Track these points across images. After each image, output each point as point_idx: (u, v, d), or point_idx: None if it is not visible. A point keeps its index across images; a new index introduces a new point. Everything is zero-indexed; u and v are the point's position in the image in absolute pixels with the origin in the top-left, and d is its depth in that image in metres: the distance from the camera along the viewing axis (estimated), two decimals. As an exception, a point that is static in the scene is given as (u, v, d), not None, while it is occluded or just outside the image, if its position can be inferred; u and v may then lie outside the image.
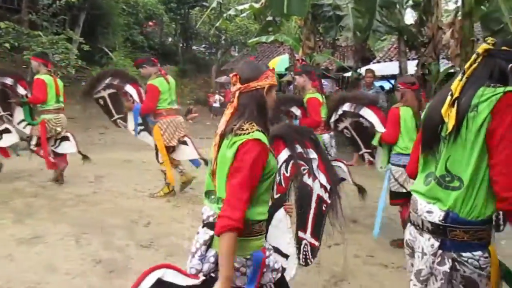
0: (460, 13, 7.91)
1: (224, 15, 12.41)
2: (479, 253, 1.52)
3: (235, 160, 1.56)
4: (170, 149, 5.16)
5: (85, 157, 5.76)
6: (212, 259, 1.65)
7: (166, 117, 5.05)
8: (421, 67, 8.48)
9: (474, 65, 1.59)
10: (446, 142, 1.59)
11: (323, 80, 12.14)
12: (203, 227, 1.72)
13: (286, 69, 12.99)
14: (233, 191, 1.55)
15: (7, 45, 10.47)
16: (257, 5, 11.32)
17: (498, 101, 1.45)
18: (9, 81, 5.30)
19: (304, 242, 2.21)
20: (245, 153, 1.55)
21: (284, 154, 2.12)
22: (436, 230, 1.57)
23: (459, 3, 7.91)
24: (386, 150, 3.90)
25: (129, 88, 5.12)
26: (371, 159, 4.23)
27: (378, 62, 14.93)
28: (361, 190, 4.26)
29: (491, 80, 1.54)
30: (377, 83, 10.97)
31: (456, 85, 1.58)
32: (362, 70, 9.99)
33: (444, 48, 8.27)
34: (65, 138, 5.59)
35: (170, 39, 23.55)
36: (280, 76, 16.28)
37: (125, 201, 5.01)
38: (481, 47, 1.60)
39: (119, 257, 3.40)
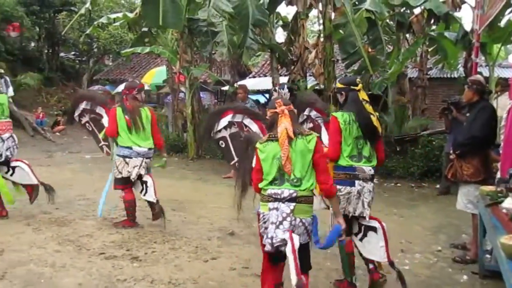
0: (322, 35, 8.81)
1: (96, 22, 11.76)
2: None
3: (316, 150, 2.51)
4: None
5: None
6: (300, 223, 2.46)
7: None
8: (291, 83, 9.15)
9: None
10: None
11: (201, 93, 12.32)
12: (283, 202, 2.43)
13: (164, 81, 12.80)
14: (327, 169, 2.69)
15: None
16: (131, 15, 11.01)
17: None
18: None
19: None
20: (320, 145, 2.59)
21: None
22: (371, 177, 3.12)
23: (321, 27, 8.80)
24: None
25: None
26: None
27: (254, 77, 15.66)
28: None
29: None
30: (254, 97, 11.53)
31: None
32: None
33: (310, 67, 9.07)
34: None
35: (33, 44, 21.28)
36: (158, 87, 15.96)
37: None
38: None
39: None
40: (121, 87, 6.84)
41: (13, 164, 4.79)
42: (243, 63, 10.30)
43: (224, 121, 4.47)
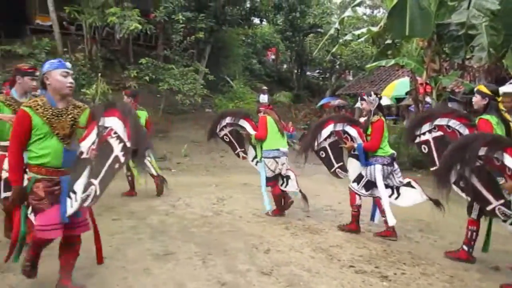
0: None
1: (341, 40, 12.43)
2: None
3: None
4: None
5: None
6: None
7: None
8: None
9: None
10: None
11: (449, 104, 11.25)
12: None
13: (407, 93, 12.32)
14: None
15: (146, 78, 11.89)
16: (375, 29, 11.09)
17: None
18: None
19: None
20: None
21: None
22: None
23: None
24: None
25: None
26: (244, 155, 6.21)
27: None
28: None
29: None
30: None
31: None
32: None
33: None
34: None
35: (285, 66, 24.28)
36: (398, 100, 15.52)
37: (245, 225, 5.18)
38: None
39: (242, 282, 3.49)
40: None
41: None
42: (506, 66, 8.84)
43: (326, 132, 4.95)
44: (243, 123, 5.96)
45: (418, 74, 10.11)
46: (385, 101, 14.76)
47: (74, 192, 2.78)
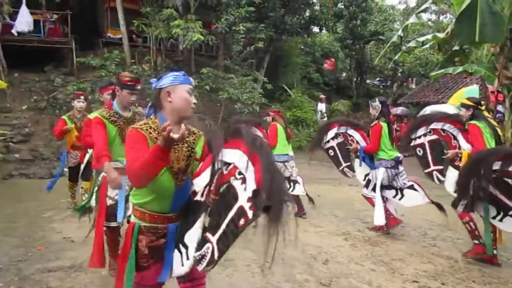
0: None
1: (404, 47, 11.99)
2: None
3: None
4: None
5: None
6: None
7: None
8: None
9: None
10: None
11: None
12: None
13: (475, 101, 11.61)
14: None
15: (207, 87, 12.27)
16: (441, 35, 10.58)
17: None
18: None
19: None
20: None
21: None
22: None
23: None
24: None
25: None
26: None
27: None
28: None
29: None
30: None
31: None
32: None
33: None
34: None
35: (344, 74, 23.91)
36: (467, 108, 14.66)
37: (303, 234, 5.14)
38: None
39: (300, 292, 3.47)
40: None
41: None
42: None
43: (331, 133, 5.59)
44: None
45: (489, 82, 9.50)
46: (452, 110, 14.02)
47: (186, 246, 2.06)
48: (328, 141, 5.70)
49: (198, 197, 2.08)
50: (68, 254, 4.25)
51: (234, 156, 1.92)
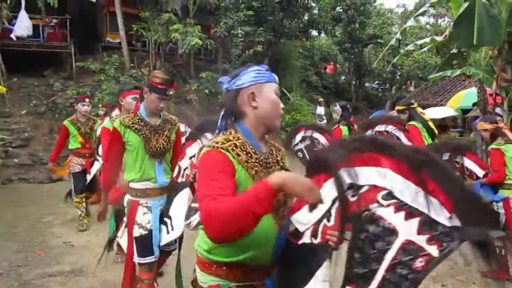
0: None
1: (402, 51, 12.04)
2: None
3: None
4: None
5: None
6: None
7: None
8: None
9: None
10: None
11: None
12: None
13: (474, 104, 11.67)
14: None
15: (206, 91, 12.30)
16: (439, 38, 10.63)
17: None
18: None
19: None
20: None
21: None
22: None
23: None
24: None
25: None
26: None
27: None
28: None
29: None
30: None
31: None
32: None
33: None
34: None
35: (343, 78, 23.98)
36: (464, 111, 14.73)
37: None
38: None
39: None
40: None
41: None
42: None
43: (299, 136, 5.58)
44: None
45: (487, 84, 9.54)
46: (450, 113, 14.07)
47: None
48: (297, 144, 5.80)
49: (305, 240, 1.40)
50: (68, 258, 4.25)
51: (370, 174, 1.28)
